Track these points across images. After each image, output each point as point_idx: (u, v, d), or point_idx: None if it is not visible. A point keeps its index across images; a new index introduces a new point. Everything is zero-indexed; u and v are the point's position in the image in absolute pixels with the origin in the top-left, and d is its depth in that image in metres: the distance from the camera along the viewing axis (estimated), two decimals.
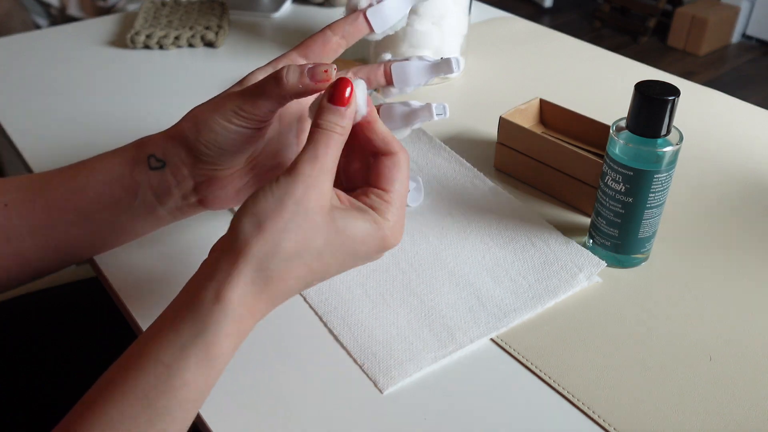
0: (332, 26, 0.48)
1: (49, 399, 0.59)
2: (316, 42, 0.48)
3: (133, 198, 0.48)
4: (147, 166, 0.47)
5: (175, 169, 0.47)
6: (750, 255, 0.57)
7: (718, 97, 0.83)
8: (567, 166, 0.61)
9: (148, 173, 0.47)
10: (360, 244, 0.41)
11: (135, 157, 0.48)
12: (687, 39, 3.04)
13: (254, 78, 0.46)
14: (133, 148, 0.48)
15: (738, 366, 0.47)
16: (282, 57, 0.48)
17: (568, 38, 1.00)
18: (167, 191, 0.48)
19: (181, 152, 0.47)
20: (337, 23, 0.49)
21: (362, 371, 0.46)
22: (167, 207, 0.49)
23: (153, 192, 0.48)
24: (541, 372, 0.46)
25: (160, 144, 0.47)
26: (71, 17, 1.95)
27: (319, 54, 0.48)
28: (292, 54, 0.48)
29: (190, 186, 0.48)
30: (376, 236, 0.41)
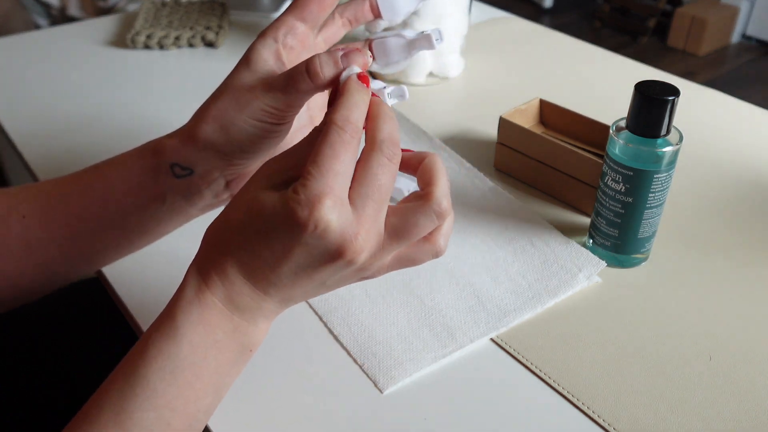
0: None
1: (49, 399, 0.59)
2: (312, 2, 0.43)
3: (160, 204, 0.47)
4: (171, 175, 0.45)
5: (205, 174, 0.45)
6: (750, 255, 0.57)
7: (718, 97, 0.83)
8: (567, 166, 0.61)
9: (174, 181, 0.45)
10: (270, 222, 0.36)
11: (155, 166, 0.45)
12: (687, 39, 3.03)
13: (261, 59, 0.42)
14: (151, 156, 0.46)
15: (738, 366, 0.47)
16: (279, 24, 0.43)
17: (568, 38, 1.00)
18: (197, 193, 0.46)
19: (210, 157, 0.44)
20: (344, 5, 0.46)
21: (362, 371, 0.46)
22: (198, 206, 0.47)
23: (182, 195, 0.46)
24: (541, 372, 0.46)
25: (180, 151, 0.45)
26: (71, 17, 1.95)
27: (317, 13, 0.44)
28: (288, 19, 0.43)
29: (222, 184, 0.46)
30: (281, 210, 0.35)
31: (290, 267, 0.36)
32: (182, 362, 0.37)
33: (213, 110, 0.43)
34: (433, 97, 0.82)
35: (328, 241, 0.35)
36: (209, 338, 0.37)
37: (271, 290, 0.38)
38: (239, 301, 0.38)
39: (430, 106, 0.80)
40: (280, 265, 0.36)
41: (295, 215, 0.34)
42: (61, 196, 0.47)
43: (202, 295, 0.37)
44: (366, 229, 0.36)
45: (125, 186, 0.46)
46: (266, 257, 0.36)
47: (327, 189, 0.34)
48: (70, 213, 0.47)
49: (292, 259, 0.36)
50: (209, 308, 0.37)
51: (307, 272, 0.37)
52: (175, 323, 0.37)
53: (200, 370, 0.37)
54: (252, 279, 0.37)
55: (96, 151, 0.71)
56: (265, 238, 0.36)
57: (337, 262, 0.36)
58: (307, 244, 0.35)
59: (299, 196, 0.34)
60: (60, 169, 0.68)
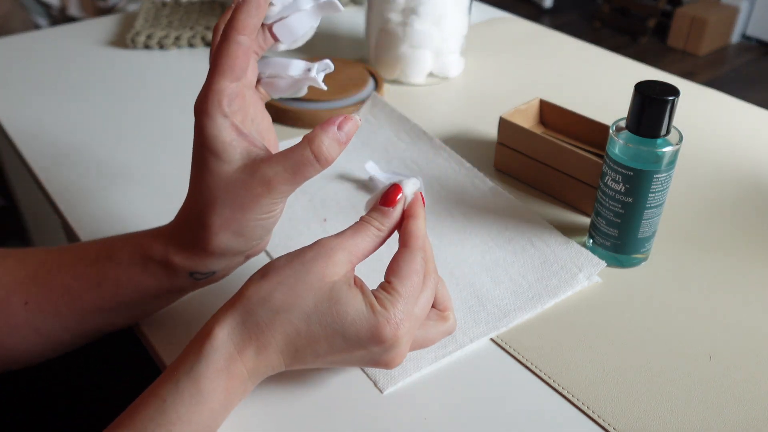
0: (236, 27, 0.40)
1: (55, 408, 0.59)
2: (238, 58, 0.40)
3: (179, 295, 0.48)
4: (192, 278, 0.45)
5: (227, 270, 0.46)
6: (750, 254, 0.57)
7: (718, 97, 0.83)
8: (567, 166, 0.61)
9: (194, 283, 0.46)
10: (349, 324, 0.38)
11: (171, 275, 0.45)
12: (687, 39, 3.04)
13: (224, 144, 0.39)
14: (162, 267, 0.44)
15: (738, 366, 0.47)
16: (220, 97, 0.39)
17: (568, 38, 1.00)
18: (218, 279, 0.47)
19: (231, 259, 0.44)
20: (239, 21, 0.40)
21: (362, 371, 0.46)
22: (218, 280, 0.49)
23: (202, 286, 0.47)
24: (541, 372, 0.46)
25: (197, 263, 0.43)
26: (71, 17, 1.95)
27: (246, 66, 0.40)
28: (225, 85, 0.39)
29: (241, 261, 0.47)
30: (367, 321, 0.38)
31: (335, 360, 0.40)
32: (199, 426, 0.38)
33: (217, 221, 0.41)
34: (433, 97, 0.82)
35: (389, 354, 0.40)
36: (227, 405, 0.39)
37: (295, 364, 0.40)
38: (262, 371, 0.40)
39: (430, 106, 0.80)
40: (328, 356, 0.40)
41: (382, 331, 0.39)
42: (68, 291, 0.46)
43: (233, 365, 0.38)
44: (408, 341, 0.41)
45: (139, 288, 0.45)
46: (321, 347, 0.39)
47: (411, 313, 0.40)
48: (79, 308, 0.46)
49: (345, 356, 0.40)
50: (235, 378, 0.39)
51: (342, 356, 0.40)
52: (200, 390, 0.37)
53: (210, 427, 0.39)
54: (289, 357, 0.40)
55: (96, 151, 0.71)
56: (336, 334, 0.39)
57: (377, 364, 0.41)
58: (371, 352, 0.40)
59: (389, 314, 0.39)
60: (60, 169, 0.68)
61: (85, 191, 0.64)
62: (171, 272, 0.44)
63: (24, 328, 0.46)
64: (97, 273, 0.45)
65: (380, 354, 0.40)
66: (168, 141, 0.72)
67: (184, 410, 0.37)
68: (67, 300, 0.46)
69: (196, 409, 0.37)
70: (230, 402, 0.39)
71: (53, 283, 0.46)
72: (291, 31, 0.45)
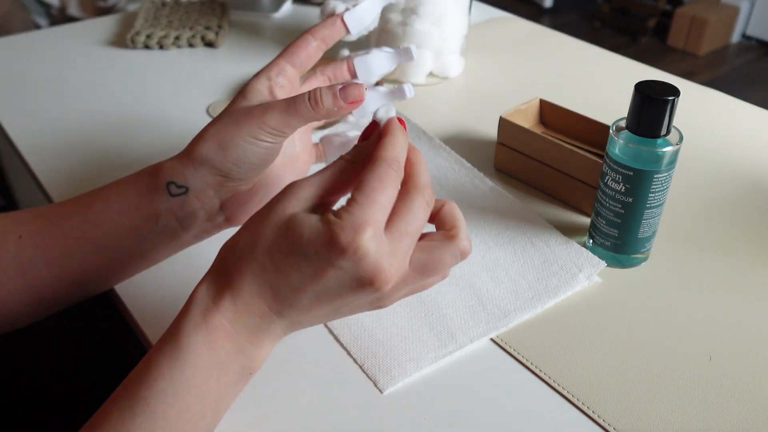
0: (312, 31, 0.49)
1: (48, 400, 0.59)
2: (300, 48, 0.49)
3: (153, 225, 0.48)
4: (167, 194, 0.47)
5: (200, 192, 0.47)
6: (750, 255, 0.57)
7: (718, 97, 0.83)
8: (567, 166, 0.61)
9: (169, 200, 0.47)
10: (306, 242, 0.36)
11: (152, 185, 0.47)
12: (687, 39, 3.04)
13: (255, 91, 0.47)
14: (148, 176, 0.47)
15: (738, 366, 0.47)
16: (272, 66, 0.48)
17: (568, 38, 1.00)
18: (191, 215, 0.48)
19: (206, 174, 0.46)
20: (316, 28, 0.50)
21: (362, 371, 0.46)
22: (192, 231, 0.49)
23: (175, 218, 0.47)
24: (541, 372, 0.46)
25: (178, 170, 0.46)
26: (71, 17, 1.95)
27: (305, 60, 0.49)
28: (280, 62, 0.48)
29: (216, 205, 0.48)
30: (323, 233, 0.36)
31: (315, 290, 0.38)
32: (184, 385, 0.37)
33: (211, 130, 0.45)
34: (433, 97, 0.82)
35: (362, 268, 0.36)
36: (213, 361, 0.37)
37: (286, 311, 0.39)
38: (248, 321, 0.38)
39: (430, 106, 0.80)
40: (305, 287, 0.37)
41: (336, 239, 0.35)
42: (58, 216, 0.48)
43: (210, 316, 0.38)
44: (397, 262, 0.37)
45: (122, 205, 0.47)
46: (293, 278, 0.37)
47: (371, 218, 0.36)
48: (66, 231, 0.48)
49: (320, 282, 0.37)
50: (216, 330, 0.38)
51: (330, 297, 0.38)
52: (180, 345, 0.37)
53: (202, 392, 0.37)
54: (270, 299, 0.38)
55: (96, 151, 0.71)
56: (298, 258, 0.37)
57: (365, 290, 0.37)
58: (341, 268, 0.36)
59: (343, 221, 0.36)
60: (60, 169, 0.68)
61: (85, 191, 0.64)
62: (153, 181, 0.47)
63: (12, 265, 0.47)
64: (91, 197, 0.49)
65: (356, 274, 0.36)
66: (168, 141, 0.72)
67: (165, 366, 0.37)
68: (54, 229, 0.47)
69: (176, 365, 0.37)
70: (218, 358, 0.38)
71: (50, 212, 0.48)
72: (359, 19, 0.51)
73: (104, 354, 0.65)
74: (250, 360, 0.39)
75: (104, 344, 0.65)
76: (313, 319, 0.40)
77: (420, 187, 0.39)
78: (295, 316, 0.39)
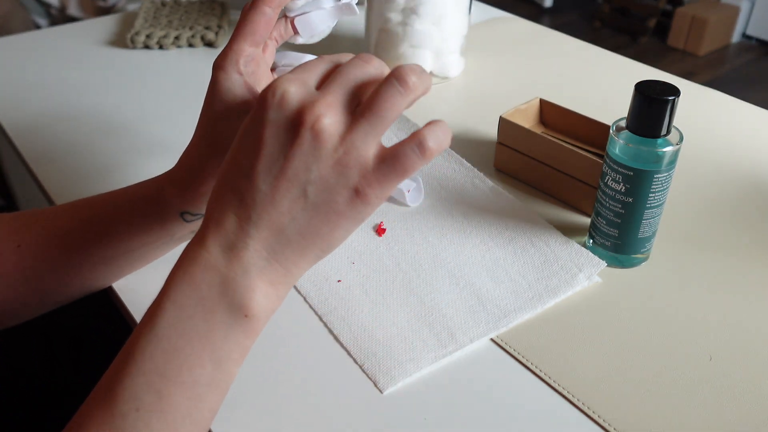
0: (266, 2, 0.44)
1: (49, 400, 0.59)
2: (260, 24, 0.44)
3: (168, 239, 0.48)
4: (181, 220, 0.47)
5: None
6: (750, 255, 0.57)
7: (718, 97, 0.83)
8: (567, 166, 0.61)
9: (183, 224, 0.47)
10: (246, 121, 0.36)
11: (162, 214, 0.47)
12: (687, 39, 3.04)
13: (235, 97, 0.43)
14: (154, 204, 0.46)
15: (738, 366, 0.47)
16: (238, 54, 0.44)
17: (568, 38, 1.00)
18: None
19: None
20: None
21: (362, 371, 0.46)
22: None
23: (191, 230, 0.48)
24: (541, 372, 0.46)
25: (187, 203, 0.46)
26: (71, 17, 1.95)
27: (265, 34, 0.45)
28: (244, 47, 0.44)
29: None
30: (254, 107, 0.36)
31: (263, 164, 0.35)
32: (166, 322, 0.35)
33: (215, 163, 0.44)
34: (433, 97, 0.82)
35: (287, 108, 0.35)
36: (194, 295, 0.35)
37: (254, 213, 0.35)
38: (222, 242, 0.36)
39: (430, 106, 0.80)
40: (254, 165, 0.35)
41: (261, 97, 0.35)
42: (59, 230, 0.47)
43: (190, 251, 0.36)
44: (327, 100, 0.35)
45: (129, 228, 0.47)
46: (242, 163, 0.36)
47: (291, 75, 0.36)
48: (69, 248, 0.47)
49: (262, 149, 0.35)
50: (193, 261, 0.36)
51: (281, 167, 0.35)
52: (165, 290, 0.36)
53: (188, 332, 0.35)
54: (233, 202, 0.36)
55: (96, 151, 0.71)
56: (239, 140, 0.36)
57: (302, 135, 0.34)
58: (270, 121, 0.35)
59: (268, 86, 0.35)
60: (60, 169, 0.68)
61: (85, 191, 0.64)
62: (163, 210, 0.46)
63: (13, 273, 0.46)
64: (90, 212, 0.47)
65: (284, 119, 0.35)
66: (168, 141, 0.72)
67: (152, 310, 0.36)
68: (56, 240, 0.47)
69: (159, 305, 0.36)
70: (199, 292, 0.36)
71: (48, 226, 0.47)
72: (310, 26, 0.49)
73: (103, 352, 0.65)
74: (239, 296, 0.36)
75: (103, 342, 0.65)
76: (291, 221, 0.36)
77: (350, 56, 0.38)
78: (267, 218, 0.36)
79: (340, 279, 0.54)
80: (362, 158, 0.35)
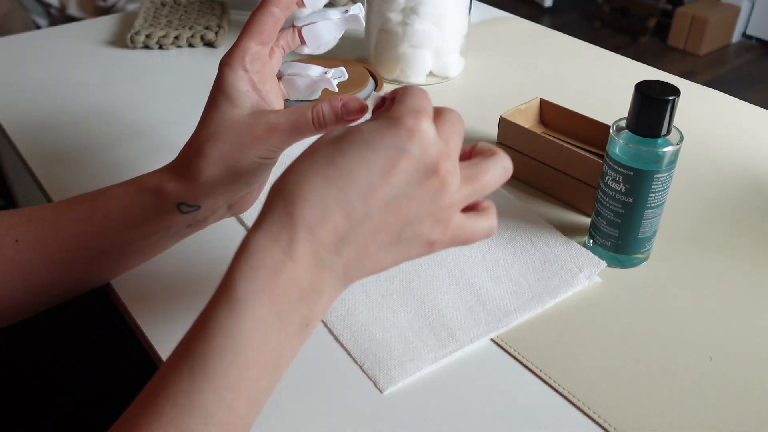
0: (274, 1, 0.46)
1: (48, 399, 0.59)
2: (267, 24, 0.45)
3: (165, 233, 0.48)
4: (177, 212, 0.47)
5: (212, 205, 0.47)
6: (750, 255, 0.57)
7: (718, 97, 0.83)
8: (567, 166, 0.61)
9: (179, 216, 0.47)
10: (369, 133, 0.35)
11: (159, 205, 0.47)
12: (687, 39, 3.04)
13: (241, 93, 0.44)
14: (153, 195, 0.46)
15: (738, 366, 0.47)
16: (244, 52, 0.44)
17: (568, 38, 1.00)
18: (202, 221, 0.49)
19: (217, 193, 0.46)
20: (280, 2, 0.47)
21: (362, 371, 0.46)
22: (198, 228, 0.50)
23: (187, 224, 0.48)
24: (541, 372, 0.46)
25: (186, 192, 0.46)
26: (71, 17, 1.95)
27: (272, 34, 0.46)
28: (250, 45, 0.45)
29: (225, 210, 0.49)
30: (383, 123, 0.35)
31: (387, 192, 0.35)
32: (245, 338, 0.34)
33: (215, 153, 0.44)
34: (433, 97, 0.82)
35: (428, 152, 0.35)
36: (273, 309, 0.34)
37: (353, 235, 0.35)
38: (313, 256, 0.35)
39: None
40: (376, 189, 0.35)
41: (401, 121, 0.35)
42: (57, 224, 0.48)
43: (270, 257, 0.34)
44: (454, 154, 0.37)
45: (126, 221, 0.47)
46: (360, 180, 0.34)
47: (424, 108, 0.36)
48: (66, 240, 0.47)
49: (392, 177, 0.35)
50: (276, 273, 0.34)
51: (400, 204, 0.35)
52: (236, 294, 0.34)
53: (263, 347, 0.34)
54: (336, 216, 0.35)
55: (96, 150, 0.71)
56: (364, 154, 0.35)
57: (432, 182, 0.35)
58: (411, 154, 0.35)
59: (400, 109, 0.36)
60: (60, 169, 0.68)
61: (85, 191, 0.64)
62: (160, 201, 0.46)
63: (11, 269, 0.47)
64: (89, 206, 0.48)
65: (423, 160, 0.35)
66: (168, 141, 0.72)
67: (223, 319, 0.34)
68: (54, 234, 0.47)
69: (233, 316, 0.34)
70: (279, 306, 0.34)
71: (46, 220, 0.48)
72: (317, 36, 0.50)
73: (102, 351, 0.65)
74: (309, 309, 0.36)
75: (102, 341, 0.65)
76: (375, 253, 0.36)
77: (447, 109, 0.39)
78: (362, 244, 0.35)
79: None
80: (452, 218, 0.38)
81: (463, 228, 0.39)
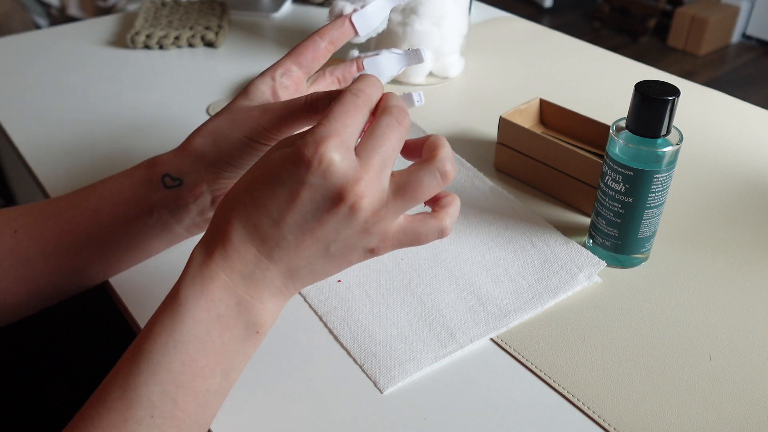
0: (320, 32, 0.50)
1: (49, 399, 0.59)
2: (307, 49, 0.49)
3: (147, 217, 0.48)
4: (162, 186, 0.48)
5: (193, 186, 0.48)
6: (750, 254, 0.57)
7: (718, 97, 0.83)
8: (567, 166, 0.61)
9: (163, 192, 0.48)
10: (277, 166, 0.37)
11: (147, 178, 0.48)
12: (687, 39, 3.04)
13: (258, 90, 0.47)
14: (144, 169, 0.49)
15: (738, 366, 0.47)
16: (277, 65, 0.49)
17: (568, 38, 1.00)
18: (184, 208, 0.49)
19: (200, 168, 0.47)
20: (325, 29, 0.50)
21: (362, 371, 0.46)
22: (184, 224, 0.50)
23: (169, 210, 0.48)
24: (541, 372, 0.46)
25: (173, 163, 0.48)
26: (71, 17, 1.95)
27: (312, 61, 0.50)
28: (286, 62, 0.49)
29: (208, 200, 0.49)
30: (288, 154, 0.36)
31: (294, 219, 0.37)
32: (185, 336, 0.37)
33: (209, 126, 0.47)
34: (433, 97, 0.82)
35: (330, 181, 0.36)
36: (212, 312, 0.37)
37: (275, 253, 0.38)
38: (242, 270, 0.38)
39: (430, 106, 0.80)
40: (284, 216, 0.37)
41: (300, 153, 0.36)
42: (54, 210, 0.49)
43: (206, 268, 0.38)
44: (369, 178, 0.36)
45: (118, 198, 0.48)
46: (271, 209, 0.37)
47: (333, 131, 0.36)
48: (62, 225, 0.48)
49: (295, 207, 0.36)
50: (212, 281, 0.37)
51: (311, 226, 0.37)
52: (179, 298, 0.37)
53: (204, 345, 0.37)
54: (258, 241, 0.37)
55: (96, 151, 0.71)
56: (271, 185, 0.37)
57: (340, 208, 0.36)
58: (311, 185, 0.36)
59: (306, 139, 0.36)
60: (60, 169, 0.68)
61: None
62: (149, 174, 0.48)
63: (9, 259, 0.47)
64: (88, 190, 0.50)
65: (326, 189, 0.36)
66: (168, 141, 0.72)
67: (167, 320, 0.37)
68: (52, 222, 0.48)
69: (175, 317, 0.37)
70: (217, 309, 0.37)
71: (45, 207, 0.49)
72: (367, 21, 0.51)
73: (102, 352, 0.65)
74: (253, 315, 0.38)
75: (102, 342, 0.65)
76: (307, 265, 0.39)
77: (388, 108, 0.39)
78: (287, 260, 0.38)
79: (340, 279, 0.54)
80: (386, 228, 0.39)
81: (406, 232, 0.40)
